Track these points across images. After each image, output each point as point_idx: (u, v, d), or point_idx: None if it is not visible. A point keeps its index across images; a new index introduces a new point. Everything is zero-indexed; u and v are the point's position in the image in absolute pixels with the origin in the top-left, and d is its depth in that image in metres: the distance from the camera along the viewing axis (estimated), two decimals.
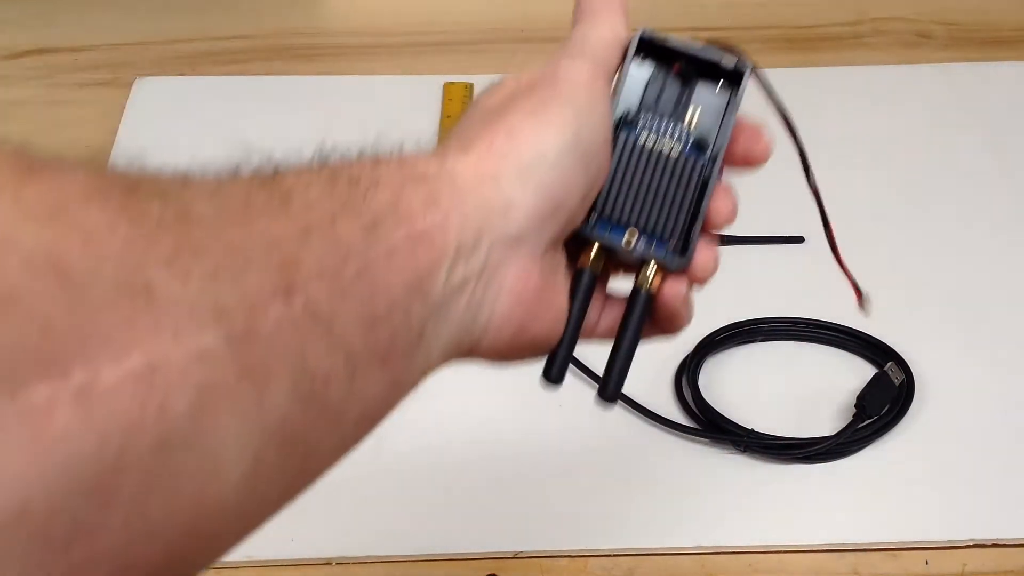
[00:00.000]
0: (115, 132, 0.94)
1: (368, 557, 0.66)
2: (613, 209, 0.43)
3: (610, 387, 0.43)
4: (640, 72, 0.45)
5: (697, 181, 0.44)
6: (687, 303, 0.45)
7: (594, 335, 0.46)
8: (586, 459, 0.71)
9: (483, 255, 0.39)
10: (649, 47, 0.44)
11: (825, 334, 0.78)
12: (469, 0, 1.09)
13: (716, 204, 0.44)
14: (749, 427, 0.71)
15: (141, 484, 0.27)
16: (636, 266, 0.44)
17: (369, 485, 0.69)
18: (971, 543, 0.67)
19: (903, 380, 0.74)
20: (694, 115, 0.45)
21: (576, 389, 0.75)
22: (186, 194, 0.31)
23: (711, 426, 0.72)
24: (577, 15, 0.45)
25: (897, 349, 0.75)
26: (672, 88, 0.45)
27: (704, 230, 0.44)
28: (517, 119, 0.40)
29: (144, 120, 0.95)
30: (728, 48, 0.44)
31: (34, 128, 0.96)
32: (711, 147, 0.44)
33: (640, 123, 0.44)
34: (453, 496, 0.69)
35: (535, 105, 0.41)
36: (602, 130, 0.42)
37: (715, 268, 0.45)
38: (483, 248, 0.38)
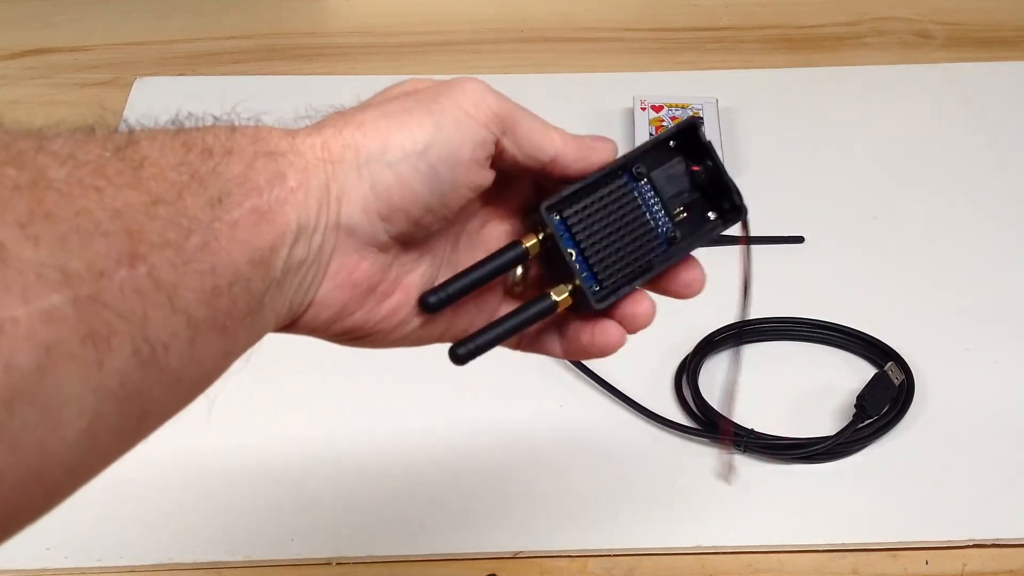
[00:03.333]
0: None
1: (368, 557, 0.66)
2: (576, 225, 0.44)
3: (465, 348, 0.43)
4: (667, 153, 0.46)
5: (651, 255, 0.46)
6: (615, 350, 0.46)
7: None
8: (586, 459, 0.71)
9: (320, 237, 0.39)
10: (690, 139, 0.46)
11: (825, 334, 0.78)
12: (469, 0, 1.09)
13: (684, 274, 0.46)
14: (749, 427, 0.71)
15: None
16: (557, 279, 0.45)
17: (369, 486, 0.70)
18: (971, 543, 0.67)
19: (903, 380, 0.74)
20: (680, 213, 0.47)
21: (576, 390, 0.75)
22: (40, 158, 0.32)
23: (711, 426, 0.72)
24: (582, 138, 0.45)
25: (897, 349, 0.76)
26: (678, 179, 0.47)
27: (654, 287, 0.46)
28: (373, 115, 0.41)
29: (144, 120, 0.95)
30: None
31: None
32: (678, 241, 0.46)
33: (640, 182, 0.46)
34: (453, 496, 0.69)
35: (400, 108, 0.41)
36: (459, 154, 0.41)
37: (647, 321, 0.46)
38: (320, 230, 0.39)
